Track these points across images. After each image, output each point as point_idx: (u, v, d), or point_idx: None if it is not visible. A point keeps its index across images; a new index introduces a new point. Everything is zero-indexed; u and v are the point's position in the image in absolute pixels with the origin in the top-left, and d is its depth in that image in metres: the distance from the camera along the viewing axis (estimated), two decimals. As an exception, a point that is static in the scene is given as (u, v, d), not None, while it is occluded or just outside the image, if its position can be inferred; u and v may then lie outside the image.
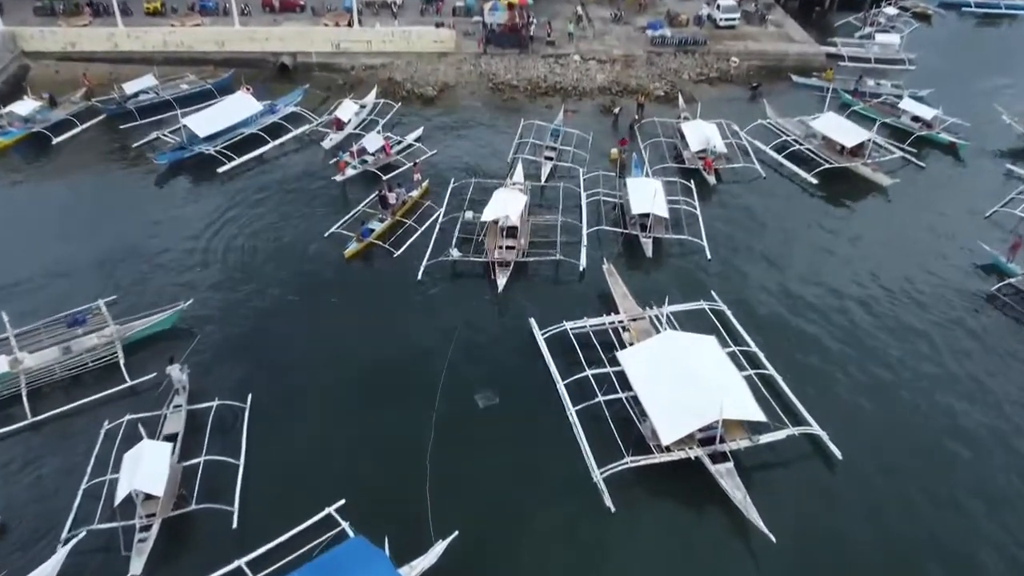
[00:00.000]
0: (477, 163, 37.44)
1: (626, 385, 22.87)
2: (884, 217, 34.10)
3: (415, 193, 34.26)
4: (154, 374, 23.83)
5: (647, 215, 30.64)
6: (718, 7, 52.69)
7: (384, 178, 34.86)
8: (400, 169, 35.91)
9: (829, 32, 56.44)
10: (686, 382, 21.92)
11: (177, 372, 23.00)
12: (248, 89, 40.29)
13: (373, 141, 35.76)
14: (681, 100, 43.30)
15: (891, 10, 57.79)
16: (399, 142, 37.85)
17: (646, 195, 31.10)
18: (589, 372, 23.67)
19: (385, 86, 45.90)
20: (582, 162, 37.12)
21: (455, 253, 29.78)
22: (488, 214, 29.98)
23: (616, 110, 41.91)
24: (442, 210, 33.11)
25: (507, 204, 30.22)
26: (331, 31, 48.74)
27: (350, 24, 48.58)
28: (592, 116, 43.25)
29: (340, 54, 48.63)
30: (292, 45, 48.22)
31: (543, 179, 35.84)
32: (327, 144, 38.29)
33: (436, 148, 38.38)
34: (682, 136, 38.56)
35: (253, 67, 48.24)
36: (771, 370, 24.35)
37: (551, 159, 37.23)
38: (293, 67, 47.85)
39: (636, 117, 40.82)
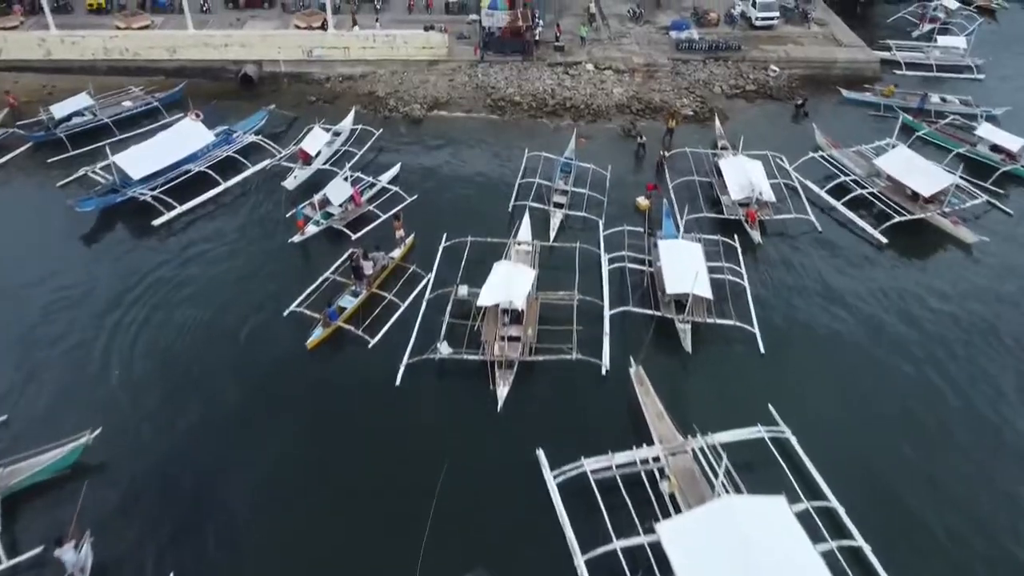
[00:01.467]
0: (474, 209, 31.72)
1: (667, 567, 17.44)
2: (979, 286, 28.38)
3: (397, 253, 28.66)
4: (39, 549, 18.34)
5: (685, 294, 25.04)
6: (754, 4, 46.43)
7: (354, 236, 29.25)
8: (375, 222, 30.21)
9: (879, 31, 50.23)
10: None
11: (71, 554, 17.54)
12: (197, 116, 34.30)
13: (339, 190, 29.95)
14: (718, 125, 37.40)
15: (951, 2, 51.33)
16: (371, 185, 32.01)
17: (683, 268, 25.50)
18: (617, 544, 18.31)
19: (365, 102, 40.02)
20: (599, 210, 31.42)
21: (444, 349, 24.22)
22: (487, 296, 24.40)
23: (640, 139, 35.94)
24: (430, 277, 27.63)
25: (510, 283, 24.65)
26: (302, 36, 42.62)
27: (324, 27, 42.42)
28: (609, 143, 37.39)
29: (313, 62, 42.58)
30: (256, 52, 42.15)
31: (552, 235, 30.16)
32: (291, 183, 32.50)
33: (425, 187, 32.77)
34: (719, 173, 32.80)
35: (211, 77, 42.31)
36: (859, 540, 18.91)
37: (561, 206, 31.51)
38: (258, 78, 41.86)
39: (664, 152, 34.82)
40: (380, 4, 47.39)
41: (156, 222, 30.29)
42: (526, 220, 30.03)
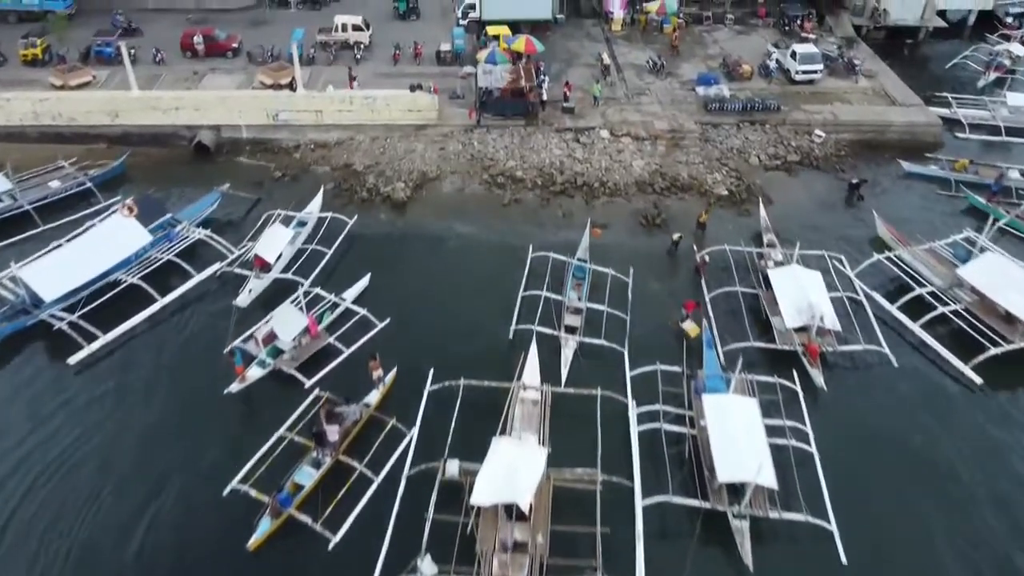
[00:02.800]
0: (467, 334, 26.40)
1: None
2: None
3: (374, 398, 23.37)
4: None
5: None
6: (793, 55, 41.08)
7: (308, 383, 23.89)
8: (338, 359, 24.82)
9: (934, 80, 44.98)
10: None
11: None
12: (130, 210, 28.91)
13: (289, 321, 24.49)
14: (763, 214, 32.08)
15: (1018, 47, 46.04)
16: (334, 306, 26.61)
17: (738, 443, 20.19)
18: None
19: (340, 178, 34.73)
20: (622, 333, 26.08)
21: (428, 569, 18.81)
22: (484, 491, 19.10)
23: (675, 238, 30.53)
24: (413, 435, 22.38)
25: (514, 471, 19.38)
26: (266, 97, 37.27)
27: (292, 87, 37.02)
28: (629, 232, 32.11)
29: (281, 127, 37.17)
30: (213, 116, 36.81)
31: (565, 373, 24.81)
32: (245, 299, 27.22)
33: (406, 303, 27.48)
34: (766, 283, 27.51)
35: (160, 144, 37.05)
36: None
37: (575, 330, 26.17)
38: (215, 146, 36.49)
39: (704, 257, 29.35)
40: (360, 55, 42.04)
41: (73, 359, 24.92)
42: (533, 354, 24.69)
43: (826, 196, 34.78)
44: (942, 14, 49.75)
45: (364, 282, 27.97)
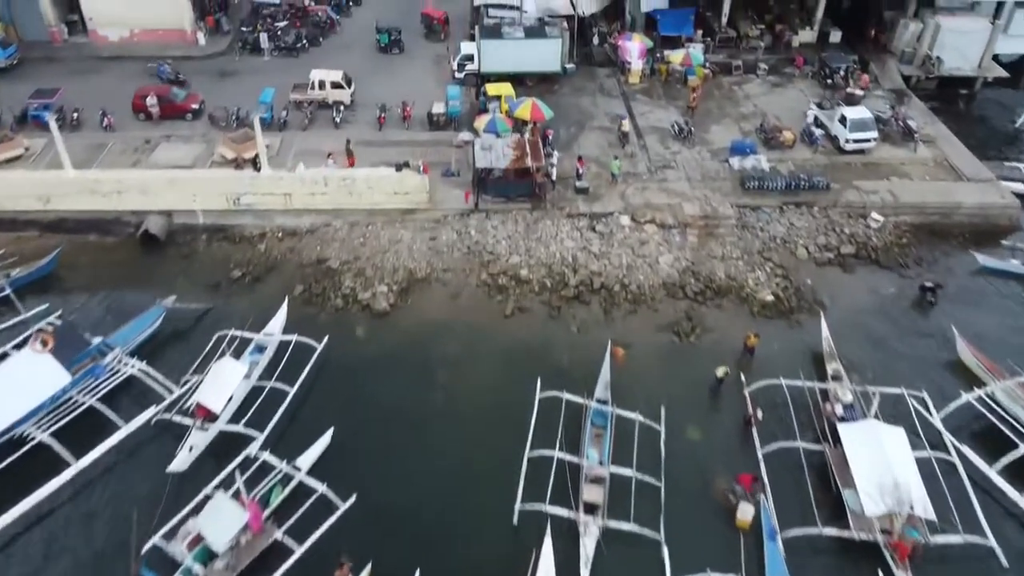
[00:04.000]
0: (460, 514, 21.53)
1: None
2: None
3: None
4: None
5: None
6: (843, 120, 36.05)
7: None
8: (291, 559, 19.74)
9: (997, 140, 40.10)
10: None
11: None
12: (45, 344, 23.88)
13: (224, 522, 19.40)
14: (825, 332, 27.06)
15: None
16: (286, 479, 21.57)
17: None
18: None
19: (311, 278, 29.82)
20: (655, 511, 21.10)
21: None
22: None
23: (720, 373, 25.48)
24: None
25: None
26: (225, 179, 32.27)
27: (256, 165, 32.05)
28: (660, 356, 27.20)
29: (244, 212, 32.23)
30: (163, 200, 31.94)
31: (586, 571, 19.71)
32: (182, 462, 22.37)
33: (377, 472, 22.44)
34: (834, 437, 22.47)
35: (102, 232, 32.34)
36: None
37: (596, 509, 21.18)
38: (165, 235, 31.59)
39: (757, 412, 24.18)
40: (339, 117, 37.11)
41: (-50, 557, 19.78)
42: (547, 552, 19.61)
43: (891, 300, 29.79)
44: (995, 58, 44.76)
45: (325, 440, 22.99)
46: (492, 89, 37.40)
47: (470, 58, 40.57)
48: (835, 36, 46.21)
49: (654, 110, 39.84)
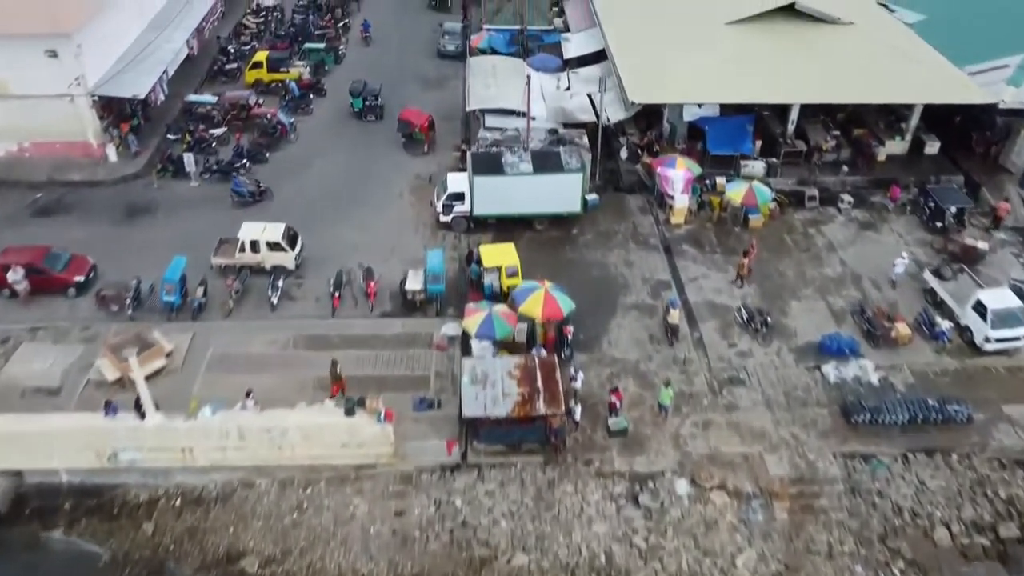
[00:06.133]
0: None
1: None
2: None
3: None
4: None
5: None
6: (980, 309, 26.62)
7: None
8: None
9: None
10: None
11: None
12: None
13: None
14: None
15: None
16: None
17: None
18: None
19: (216, 590, 20.38)
20: None
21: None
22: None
23: None
24: None
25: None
26: (93, 429, 22.67)
27: (140, 410, 22.44)
28: None
29: (125, 471, 22.84)
30: (12, 456, 22.47)
31: None
32: None
33: None
34: None
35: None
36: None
37: None
38: (12, 507, 22.30)
39: None
40: (276, 297, 27.82)
41: None
42: None
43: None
44: None
45: None
46: (489, 257, 28.10)
47: (460, 197, 31.29)
48: (932, 147, 36.85)
49: (708, 272, 30.43)
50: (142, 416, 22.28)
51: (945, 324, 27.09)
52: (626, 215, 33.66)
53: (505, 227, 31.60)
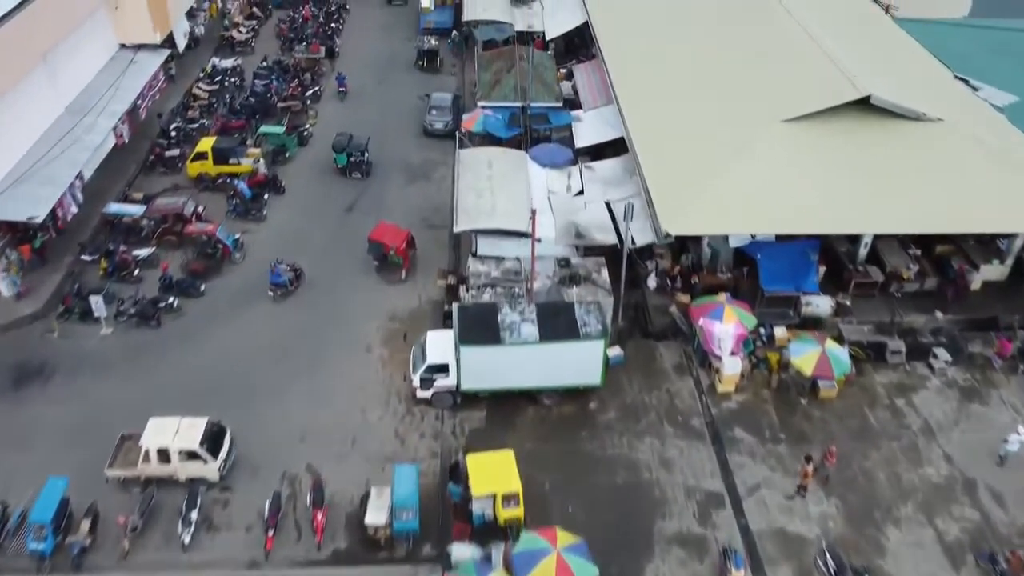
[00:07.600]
0: None
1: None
2: None
3: None
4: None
5: None
6: None
7: None
8: None
9: None
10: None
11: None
12: None
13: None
14: None
15: None
16: None
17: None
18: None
19: None
20: None
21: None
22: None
23: None
24: None
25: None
26: None
27: None
28: None
29: None
30: None
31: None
32: None
33: None
34: None
35: None
36: None
37: None
38: None
39: None
40: (188, 534, 20.76)
41: None
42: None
43: None
44: None
45: None
46: (479, 477, 21.03)
47: (443, 369, 24.26)
48: (1040, 272, 29.90)
49: (772, 475, 23.40)
50: None
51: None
52: (659, 378, 26.61)
53: (502, 403, 24.70)
